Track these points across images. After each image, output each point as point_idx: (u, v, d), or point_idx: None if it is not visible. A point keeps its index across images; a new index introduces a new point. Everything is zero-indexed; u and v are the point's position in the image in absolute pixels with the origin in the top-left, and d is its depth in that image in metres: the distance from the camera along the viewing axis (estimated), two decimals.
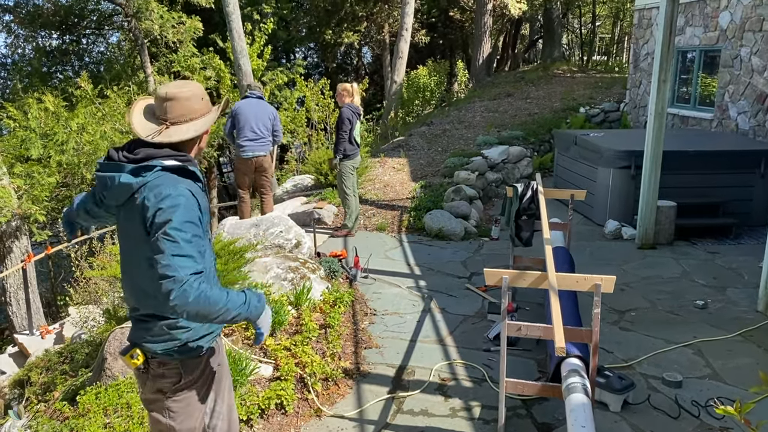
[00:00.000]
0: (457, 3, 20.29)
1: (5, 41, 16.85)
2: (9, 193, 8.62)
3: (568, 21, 27.57)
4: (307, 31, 20.99)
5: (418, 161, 10.57)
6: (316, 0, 19.21)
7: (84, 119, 9.95)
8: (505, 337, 3.29)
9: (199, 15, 15.79)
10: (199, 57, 14.99)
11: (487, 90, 16.78)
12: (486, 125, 12.49)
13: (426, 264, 6.57)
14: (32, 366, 6.07)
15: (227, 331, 4.35)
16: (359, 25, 20.02)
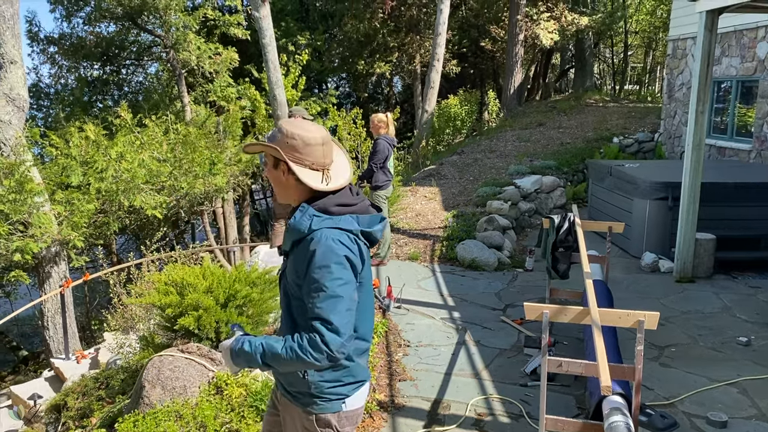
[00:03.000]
0: (488, 34, 20.42)
1: (49, 71, 17.46)
2: (50, 219, 8.81)
3: (599, 50, 27.54)
4: (340, 61, 21.32)
5: (449, 190, 10.57)
6: (349, 31, 19.52)
7: (123, 147, 10.18)
8: (545, 373, 3.24)
9: (235, 46, 16.21)
10: (235, 87, 15.32)
11: (519, 119, 16.78)
12: (518, 154, 12.47)
13: (459, 295, 6.52)
14: (69, 391, 6.14)
15: None
16: (391, 56, 20.26)
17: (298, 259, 2.02)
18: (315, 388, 2.14)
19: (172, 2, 14.42)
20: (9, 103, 9.00)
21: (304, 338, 1.92)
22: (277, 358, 1.94)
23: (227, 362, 2.08)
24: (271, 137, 2.15)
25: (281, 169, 2.11)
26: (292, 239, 2.05)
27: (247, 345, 1.99)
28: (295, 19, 20.22)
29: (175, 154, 10.88)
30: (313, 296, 1.94)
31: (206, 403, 3.71)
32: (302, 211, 2.04)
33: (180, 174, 10.61)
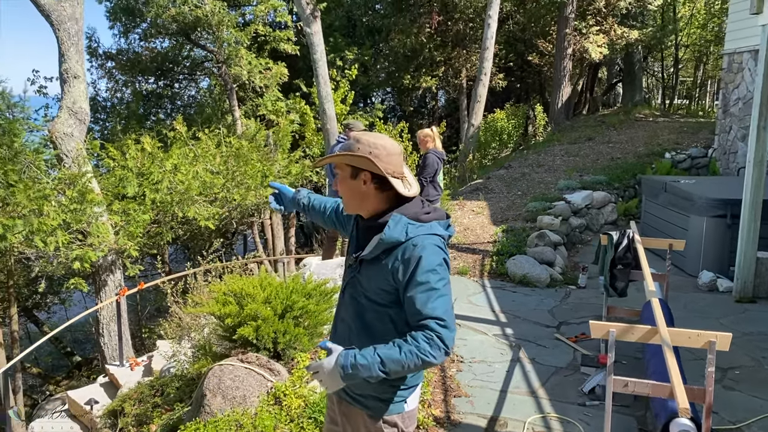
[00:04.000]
0: (535, 48, 20.32)
1: (106, 86, 18.07)
2: (107, 229, 9.08)
3: (648, 64, 27.06)
4: (386, 76, 21.47)
5: (497, 204, 10.50)
6: (395, 46, 19.67)
7: (177, 160, 10.44)
8: (610, 393, 3.18)
9: (285, 61, 16.49)
10: (284, 101, 15.59)
11: (567, 134, 16.59)
12: (566, 169, 12.32)
13: (511, 311, 6.46)
14: (125, 397, 6.28)
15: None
16: (437, 70, 20.31)
17: (391, 266, 2.07)
18: (382, 392, 2.18)
19: (224, 18, 14.78)
20: (72, 116, 9.35)
21: (420, 339, 1.95)
22: (398, 363, 1.95)
23: (331, 381, 2.02)
24: (347, 147, 2.18)
25: (362, 179, 2.15)
26: (383, 248, 2.09)
27: (362, 358, 1.97)
28: (343, 35, 20.49)
29: (227, 166, 11.10)
30: (422, 297, 1.99)
31: (266, 413, 3.76)
32: (395, 221, 2.08)
33: (232, 186, 10.82)
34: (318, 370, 2.04)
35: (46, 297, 14.01)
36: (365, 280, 2.16)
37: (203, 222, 10.12)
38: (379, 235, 2.10)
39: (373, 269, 2.13)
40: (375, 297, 2.14)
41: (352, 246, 2.33)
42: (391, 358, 1.95)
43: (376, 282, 2.12)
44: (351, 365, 1.97)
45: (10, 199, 7.69)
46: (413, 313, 2.02)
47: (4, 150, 8.04)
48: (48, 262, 8.85)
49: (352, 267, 2.26)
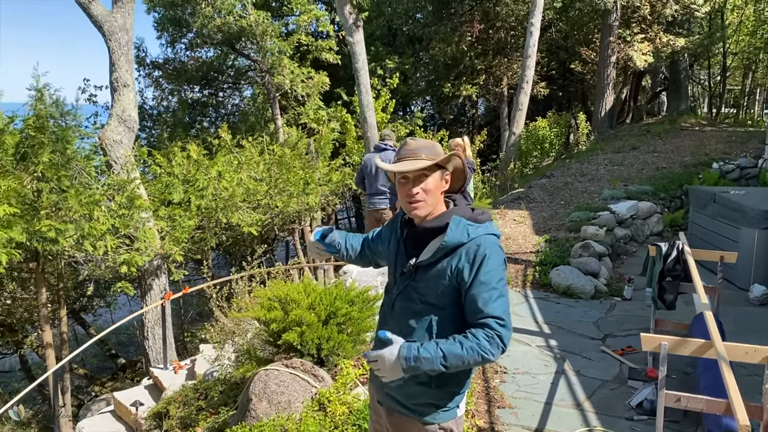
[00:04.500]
0: (578, 56, 20.08)
1: (153, 94, 18.53)
2: (153, 234, 9.28)
3: (694, 72, 26.46)
4: (426, 84, 21.49)
5: (540, 214, 10.38)
6: (436, 54, 19.68)
7: (222, 167, 10.61)
8: (662, 407, 3.11)
9: (326, 70, 16.65)
10: (325, 110, 15.73)
11: (610, 143, 16.32)
12: (610, 179, 12.11)
13: (555, 322, 6.36)
14: (170, 400, 6.38)
15: (363, 380, 4.40)
16: (478, 78, 20.24)
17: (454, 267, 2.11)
18: (439, 398, 2.21)
19: (268, 28, 15.01)
20: (121, 123, 9.61)
21: (481, 336, 2.01)
22: (459, 359, 2.00)
23: (392, 372, 2.04)
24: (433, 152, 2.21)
25: (444, 179, 2.25)
26: (444, 251, 2.13)
27: (424, 351, 2.01)
28: (384, 44, 20.60)
29: (270, 173, 11.24)
30: (485, 297, 2.05)
31: (310, 419, 3.78)
32: (456, 223, 2.14)
33: (275, 193, 10.95)
34: (377, 359, 2.06)
35: (93, 300, 14.36)
36: (423, 286, 2.19)
37: (246, 228, 10.26)
38: (440, 239, 2.14)
39: (432, 273, 2.16)
40: (434, 300, 2.17)
41: (400, 256, 2.33)
42: (453, 353, 2.00)
43: (435, 285, 2.16)
44: (414, 357, 2.00)
45: (62, 204, 7.91)
46: (474, 311, 2.07)
47: (57, 156, 8.28)
48: (96, 265, 9.08)
49: (405, 275, 2.26)
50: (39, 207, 7.60)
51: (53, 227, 7.19)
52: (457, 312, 2.16)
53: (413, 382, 2.19)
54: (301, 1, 16.46)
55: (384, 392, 2.32)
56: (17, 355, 14.16)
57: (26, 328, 12.39)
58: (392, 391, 2.27)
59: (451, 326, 2.15)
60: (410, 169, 2.15)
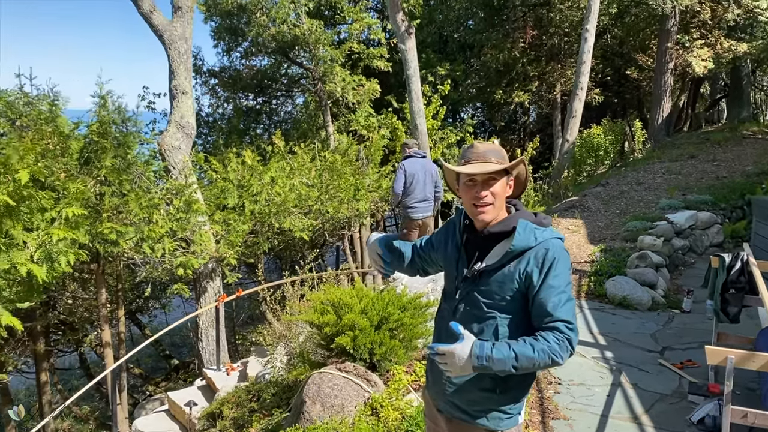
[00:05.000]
0: (634, 62, 19.64)
1: (209, 102, 18.98)
2: (209, 238, 9.50)
3: (756, 78, 25.50)
4: (477, 91, 21.37)
5: (594, 223, 10.17)
6: (488, 61, 19.57)
7: (275, 173, 10.79)
8: (728, 424, 2.99)
9: (377, 77, 16.76)
10: (376, 117, 15.82)
11: (667, 151, 15.88)
12: (668, 188, 11.78)
13: (611, 334, 6.21)
14: (224, 401, 6.49)
15: (415, 387, 4.38)
16: (530, 85, 20.02)
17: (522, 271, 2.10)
18: (504, 404, 2.20)
19: (321, 37, 15.22)
20: (179, 130, 9.88)
21: (551, 339, 2.00)
22: (530, 361, 1.99)
23: (461, 368, 2.02)
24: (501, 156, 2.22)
25: (509, 183, 2.25)
26: (511, 256, 2.12)
27: (497, 352, 1.99)
28: (435, 51, 20.61)
29: (321, 179, 11.37)
30: (555, 300, 2.04)
31: (363, 424, 3.78)
32: (523, 226, 2.13)
33: (326, 199, 11.06)
34: (446, 354, 2.03)
35: (149, 301, 14.75)
36: (488, 291, 2.16)
37: (298, 233, 10.38)
38: (506, 243, 2.13)
39: (498, 277, 2.15)
40: (500, 305, 2.15)
41: (461, 262, 2.30)
42: (525, 355, 1.98)
43: (501, 290, 2.14)
44: (486, 357, 1.99)
45: (123, 207, 8.18)
46: (543, 314, 2.05)
47: (118, 161, 8.57)
48: (153, 267, 9.34)
49: (468, 281, 2.23)
50: (101, 210, 7.87)
51: (114, 229, 7.43)
52: (523, 317, 2.14)
53: (476, 388, 2.17)
54: (353, 10, 16.64)
55: (445, 398, 2.29)
56: (77, 354, 14.67)
57: (86, 328, 12.81)
58: (453, 397, 2.25)
59: (516, 331, 2.12)
60: (481, 172, 2.14)
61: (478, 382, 2.16)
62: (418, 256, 2.58)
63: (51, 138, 7.69)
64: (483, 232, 2.23)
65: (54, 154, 7.71)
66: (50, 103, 8.72)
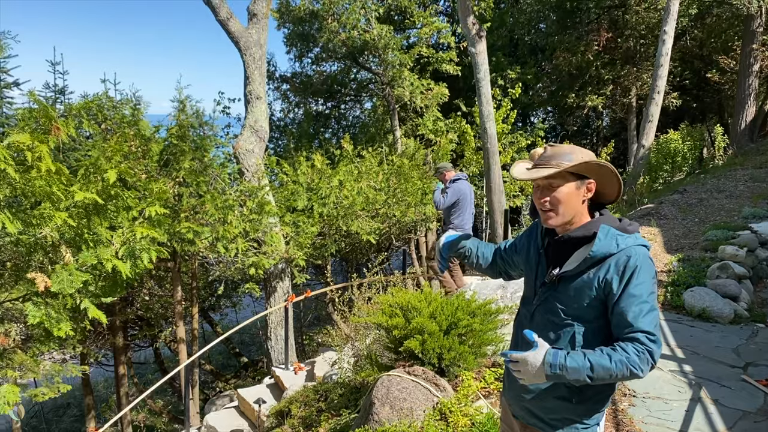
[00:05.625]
0: (714, 64, 18.82)
1: (281, 107, 19.44)
2: (279, 239, 9.70)
3: None
4: (548, 95, 21.00)
5: (671, 232, 9.79)
6: (560, 65, 19.19)
7: (343, 176, 10.92)
8: None
9: (445, 81, 16.70)
10: (444, 121, 15.77)
11: (751, 157, 15.11)
12: (751, 196, 11.21)
13: (689, 347, 5.95)
14: (292, 399, 6.60)
15: (484, 393, 4.33)
16: (604, 89, 19.49)
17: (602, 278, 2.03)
18: (582, 414, 2.14)
19: (390, 42, 15.31)
20: (253, 134, 10.14)
21: (630, 351, 1.94)
22: (606, 371, 1.94)
23: (534, 376, 1.99)
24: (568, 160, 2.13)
25: (586, 188, 2.14)
26: (591, 262, 2.06)
27: (572, 361, 1.95)
28: (505, 54, 20.38)
29: (389, 183, 11.43)
30: (636, 310, 1.97)
31: (432, 428, 3.77)
32: (605, 232, 2.06)
33: (393, 202, 11.10)
34: (520, 361, 2.01)
35: (220, 300, 15.20)
36: (566, 297, 2.11)
37: (365, 236, 10.47)
38: (586, 249, 2.06)
39: (577, 284, 2.09)
40: (578, 312, 2.09)
41: (541, 266, 2.27)
42: (601, 365, 1.93)
43: (579, 297, 2.08)
44: (560, 365, 1.95)
45: (199, 208, 8.46)
46: (623, 325, 1.99)
47: (196, 163, 8.88)
48: (226, 266, 9.62)
49: (546, 286, 2.19)
50: (179, 210, 8.16)
51: (191, 229, 7.70)
52: (601, 325, 2.07)
53: (552, 396, 2.13)
54: (423, 14, 16.66)
55: (520, 405, 2.27)
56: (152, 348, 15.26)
57: (161, 323, 13.32)
58: (530, 404, 2.22)
59: (595, 340, 2.07)
60: (533, 177, 2.11)
61: (554, 390, 2.12)
62: (500, 258, 2.56)
63: (133, 141, 8.04)
64: (562, 236, 2.18)
65: (135, 156, 8.06)
66: (132, 108, 9.12)
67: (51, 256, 5.32)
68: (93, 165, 5.64)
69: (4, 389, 4.32)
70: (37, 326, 5.21)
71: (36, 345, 5.81)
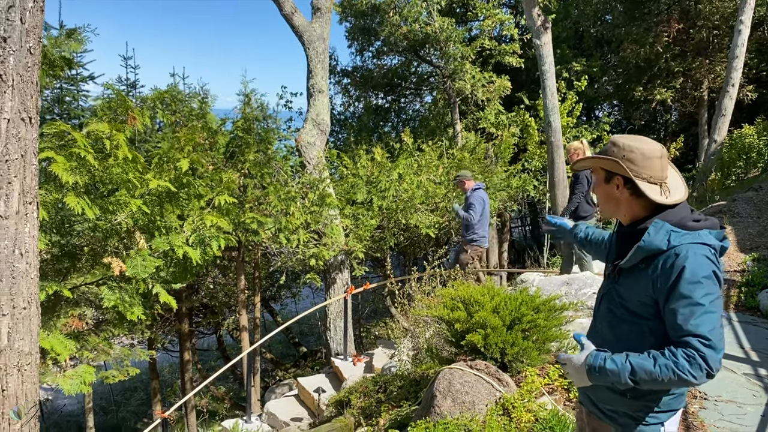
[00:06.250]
0: None
1: (341, 100, 19.58)
2: (339, 231, 9.80)
3: None
4: (614, 88, 20.40)
5: (745, 230, 9.37)
6: (627, 57, 18.59)
7: (403, 169, 10.92)
8: None
9: (508, 74, 16.44)
10: (505, 114, 15.54)
11: None
12: None
13: (765, 350, 5.68)
14: (352, 389, 6.66)
15: (548, 390, 4.26)
16: (674, 82, 18.77)
17: (651, 276, 1.96)
18: (635, 410, 2.09)
19: (452, 34, 15.18)
20: (315, 127, 10.26)
21: (679, 355, 1.85)
22: (650, 375, 1.88)
23: (578, 377, 2.02)
24: (604, 151, 2.14)
25: (614, 183, 2.10)
26: (642, 257, 1.99)
27: (611, 362, 1.93)
28: (570, 46, 19.90)
29: (449, 177, 11.35)
30: (685, 312, 1.88)
31: (495, 422, 3.73)
32: (656, 228, 1.97)
33: (453, 196, 11.03)
34: (567, 363, 2.04)
35: (281, 290, 15.49)
36: (623, 290, 2.07)
37: (424, 230, 10.45)
38: (638, 243, 1.99)
39: (632, 279, 2.04)
40: (634, 308, 2.04)
41: (611, 256, 2.24)
42: (643, 368, 1.87)
43: (634, 292, 2.03)
44: (599, 367, 1.94)
45: (263, 199, 8.64)
46: (674, 327, 1.91)
47: (260, 156, 9.06)
48: (287, 257, 9.78)
49: (610, 277, 2.17)
50: (244, 201, 8.35)
51: (255, 219, 7.86)
52: (658, 325, 2.00)
53: (606, 387, 2.10)
54: (485, 6, 16.44)
55: (583, 392, 2.27)
56: (215, 336, 15.70)
57: (224, 312, 13.68)
58: (589, 392, 2.22)
59: (651, 338, 2.00)
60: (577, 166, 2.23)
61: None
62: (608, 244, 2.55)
63: (201, 133, 8.27)
64: (622, 229, 2.16)
65: (203, 148, 8.28)
66: (200, 101, 9.36)
67: (125, 241, 5.55)
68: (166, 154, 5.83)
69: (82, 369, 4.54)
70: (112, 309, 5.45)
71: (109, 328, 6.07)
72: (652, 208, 2.06)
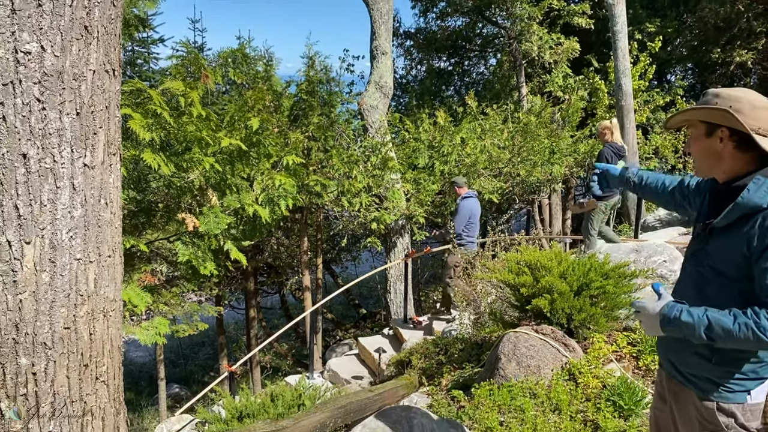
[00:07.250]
0: None
1: (404, 63, 19.38)
2: (400, 195, 9.80)
3: None
4: (689, 50, 19.41)
5: None
6: (705, 16, 17.62)
7: (466, 134, 10.78)
8: None
9: (576, 36, 15.87)
10: (573, 77, 15.06)
11: None
12: None
13: None
14: (412, 350, 6.74)
15: (616, 357, 4.19)
16: (756, 43, 17.70)
17: (746, 234, 1.86)
18: (718, 375, 2.00)
19: None
20: (378, 90, 10.21)
21: (762, 315, 1.77)
22: (727, 333, 1.81)
23: (650, 326, 1.99)
24: (705, 103, 2.00)
25: (718, 137, 1.97)
26: (738, 214, 1.89)
27: (687, 314, 1.88)
28: (643, 6, 18.99)
29: (514, 142, 11.14)
30: None
31: (561, 387, 3.70)
32: (757, 184, 1.86)
33: (518, 161, 10.84)
34: (641, 310, 2.00)
35: (341, 253, 15.74)
36: (714, 251, 1.98)
37: (487, 195, 10.32)
38: (736, 200, 1.88)
39: (725, 238, 1.94)
40: (724, 269, 1.95)
41: (702, 215, 2.15)
42: (720, 324, 1.81)
43: (726, 252, 1.93)
44: (674, 318, 1.90)
45: (326, 162, 8.71)
46: (762, 287, 1.81)
47: (323, 119, 9.11)
48: (349, 220, 9.89)
49: (699, 236, 2.08)
50: (308, 164, 8.44)
51: (319, 182, 7.95)
52: (747, 286, 1.89)
53: (690, 351, 2.04)
54: None
55: (665, 356, 2.21)
56: (279, 295, 16.13)
57: (287, 272, 14.01)
58: (670, 355, 2.16)
59: (739, 300, 1.90)
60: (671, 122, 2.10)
61: (693, 346, 2.01)
62: (679, 193, 2.39)
63: (266, 96, 8.37)
64: (719, 186, 2.05)
65: (268, 110, 8.38)
66: (265, 63, 9.45)
67: (198, 199, 5.73)
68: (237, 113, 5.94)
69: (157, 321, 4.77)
70: (185, 264, 5.67)
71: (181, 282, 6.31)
72: (755, 163, 1.94)
